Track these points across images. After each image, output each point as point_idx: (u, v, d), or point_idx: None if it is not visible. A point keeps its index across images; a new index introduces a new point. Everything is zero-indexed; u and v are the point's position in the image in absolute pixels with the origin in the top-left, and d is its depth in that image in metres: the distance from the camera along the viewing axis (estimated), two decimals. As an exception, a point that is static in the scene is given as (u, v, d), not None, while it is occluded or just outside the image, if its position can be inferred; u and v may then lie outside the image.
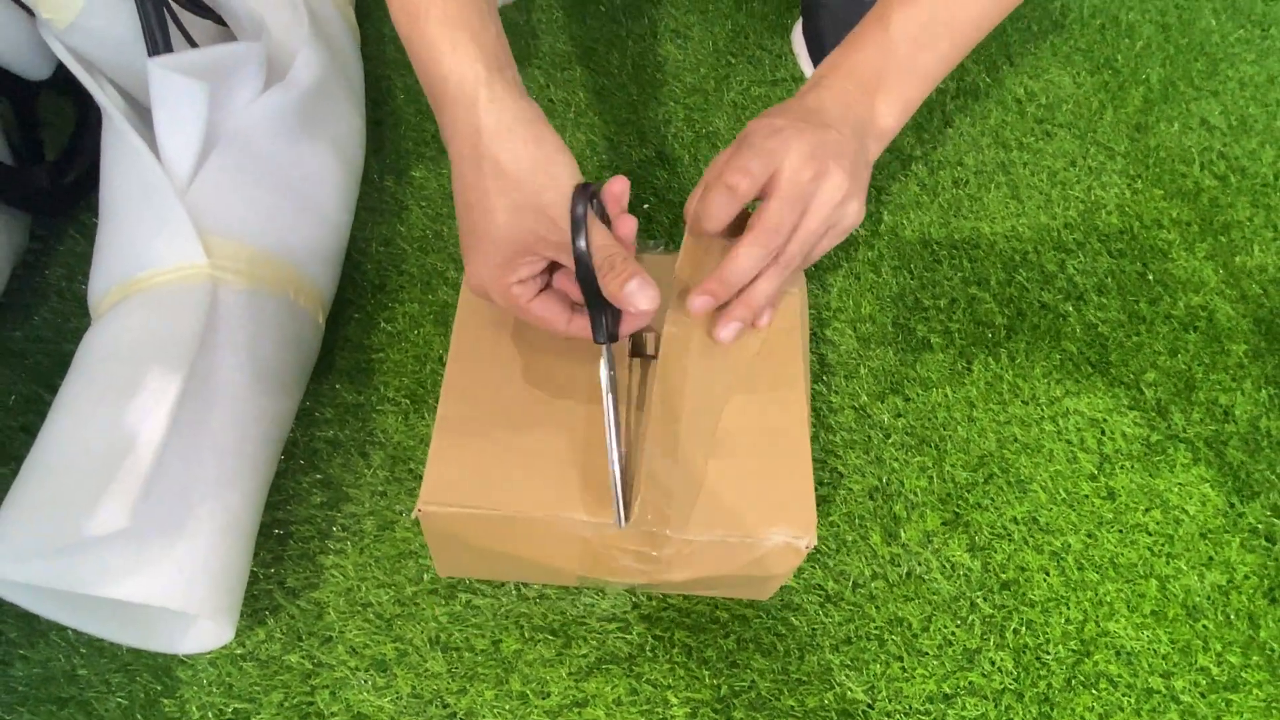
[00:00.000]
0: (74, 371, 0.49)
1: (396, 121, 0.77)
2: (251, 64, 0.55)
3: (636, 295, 0.41)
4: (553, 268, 0.47)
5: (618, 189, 0.44)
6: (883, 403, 0.64)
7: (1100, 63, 0.85)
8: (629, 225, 0.44)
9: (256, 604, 0.53)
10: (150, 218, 0.51)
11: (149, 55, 0.53)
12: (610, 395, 0.46)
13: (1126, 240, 0.74)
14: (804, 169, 0.43)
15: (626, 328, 0.46)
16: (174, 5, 0.56)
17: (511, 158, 0.41)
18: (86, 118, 0.68)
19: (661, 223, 0.72)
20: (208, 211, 0.52)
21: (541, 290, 0.46)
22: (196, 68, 0.52)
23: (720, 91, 0.81)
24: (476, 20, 0.42)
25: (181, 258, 0.51)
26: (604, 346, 0.46)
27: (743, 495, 0.46)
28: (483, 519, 0.45)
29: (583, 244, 0.41)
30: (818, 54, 0.81)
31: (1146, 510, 0.60)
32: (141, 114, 0.57)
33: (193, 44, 0.58)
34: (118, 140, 0.53)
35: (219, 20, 0.63)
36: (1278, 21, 0.91)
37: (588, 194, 0.41)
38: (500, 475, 0.46)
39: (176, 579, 0.44)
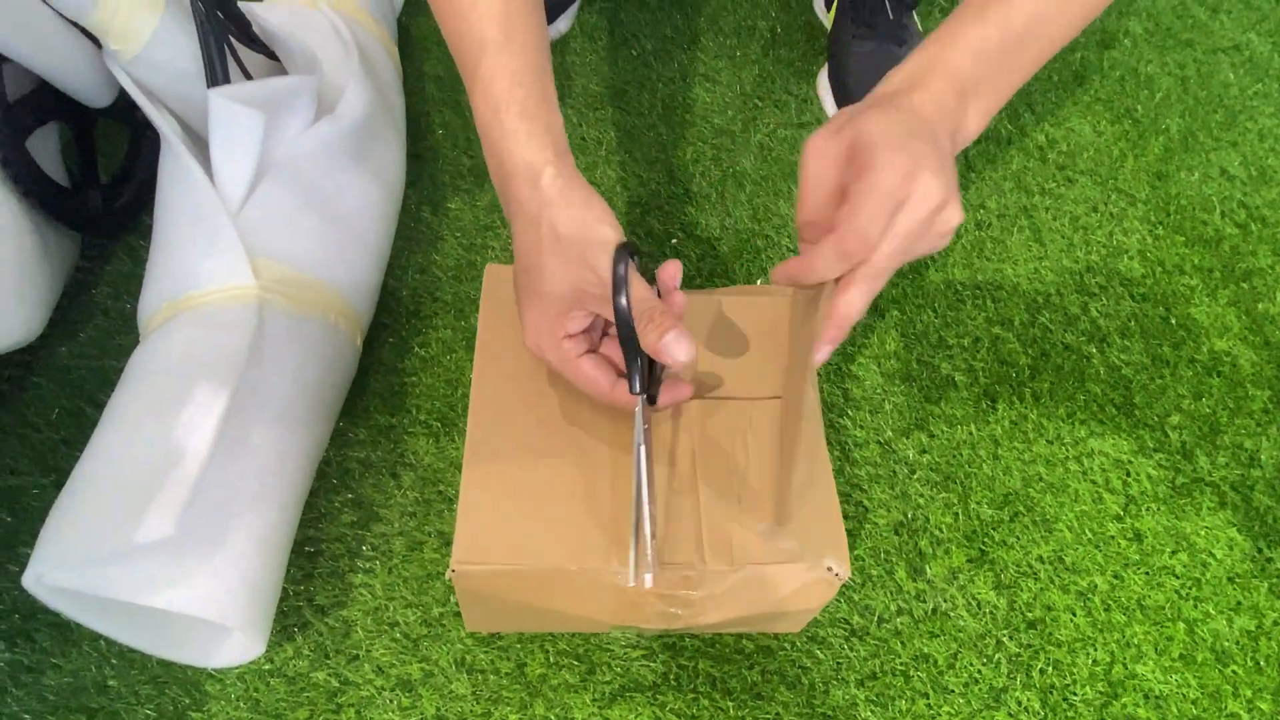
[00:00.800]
0: (123, 385, 0.50)
1: (434, 155, 0.80)
2: (304, 96, 0.58)
3: (673, 346, 0.43)
4: (602, 333, 0.49)
5: (670, 272, 0.47)
6: (907, 438, 0.64)
7: (1120, 112, 0.87)
8: (678, 300, 0.47)
9: (286, 620, 0.54)
10: (202, 239, 0.53)
11: (209, 86, 0.55)
12: (643, 447, 0.46)
13: (1149, 285, 0.75)
14: (901, 190, 0.41)
15: (666, 399, 0.48)
16: (233, 41, 0.59)
17: (565, 220, 0.45)
18: (139, 144, 0.71)
19: (689, 257, 0.74)
20: (257, 235, 0.54)
21: (589, 351, 0.48)
22: (254, 98, 0.54)
23: (747, 133, 0.83)
24: (547, 113, 0.47)
25: (231, 278, 0.52)
26: (640, 400, 0.47)
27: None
28: (517, 575, 0.45)
29: (623, 300, 0.43)
30: (842, 99, 0.83)
31: (1173, 553, 0.60)
32: (196, 142, 0.59)
33: (248, 76, 0.61)
34: (175, 165, 0.56)
35: (272, 55, 0.65)
36: (1295, 76, 0.92)
37: (628, 252, 0.44)
38: (531, 529, 0.46)
39: (214, 591, 0.45)
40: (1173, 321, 0.72)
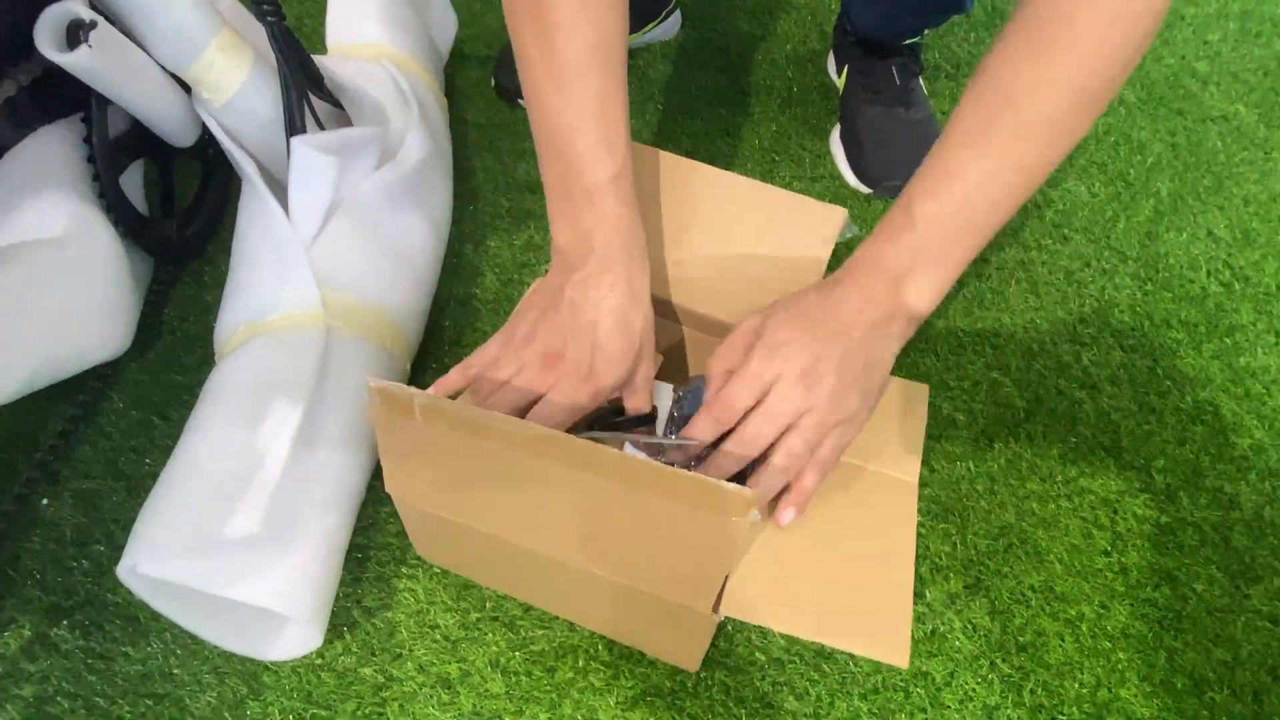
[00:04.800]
0: (206, 397, 0.56)
1: (475, 196, 0.86)
2: (371, 145, 0.64)
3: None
4: None
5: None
6: (910, 472, 0.69)
7: (1113, 175, 0.93)
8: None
9: (335, 620, 0.58)
10: (278, 269, 0.59)
11: (290, 134, 0.62)
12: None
13: (1137, 337, 0.80)
14: (796, 387, 0.48)
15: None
16: (309, 93, 0.65)
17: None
18: (209, 180, 0.77)
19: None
20: (325, 267, 0.60)
21: None
22: (329, 146, 0.60)
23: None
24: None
25: (302, 305, 0.58)
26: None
27: (837, 599, 0.50)
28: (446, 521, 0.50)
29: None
30: (854, 157, 0.90)
31: (1156, 586, 0.65)
32: (270, 181, 0.66)
33: (319, 123, 0.67)
34: (255, 202, 0.62)
35: (338, 104, 0.72)
36: (1278, 145, 0.99)
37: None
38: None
39: (285, 586, 0.49)
40: (1159, 372, 0.77)
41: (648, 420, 0.55)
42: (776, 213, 0.61)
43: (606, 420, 0.55)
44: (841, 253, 0.57)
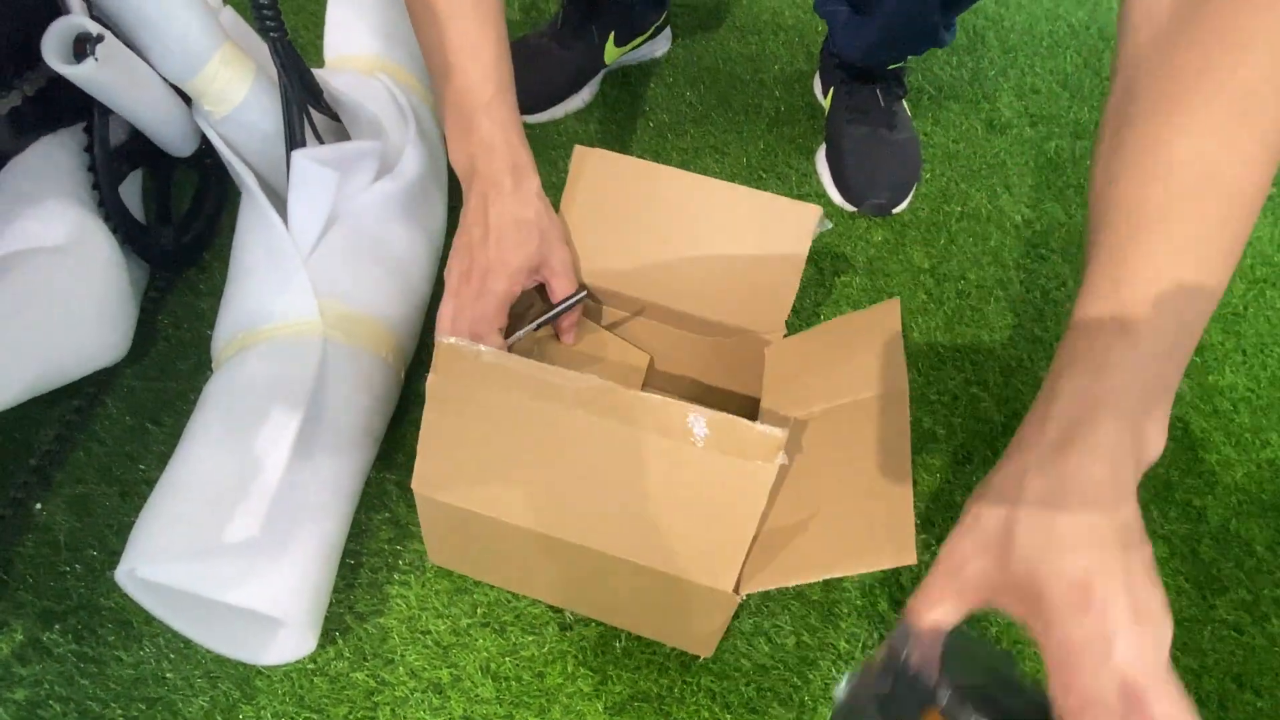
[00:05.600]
0: (205, 404, 0.56)
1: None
2: (369, 158, 0.66)
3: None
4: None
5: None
6: (892, 484, 0.71)
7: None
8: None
9: (328, 625, 0.59)
10: (277, 279, 0.60)
11: (290, 147, 0.63)
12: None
13: (1111, 354, 0.83)
14: (1098, 632, 0.33)
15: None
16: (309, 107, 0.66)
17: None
18: (205, 190, 0.78)
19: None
20: (323, 278, 0.61)
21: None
22: (328, 159, 0.62)
23: (754, 201, 0.92)
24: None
25: (300, 314, 0.59)
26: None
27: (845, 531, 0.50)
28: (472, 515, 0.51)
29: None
30: (839, 175, 0.92)
31: (1127, 596, 0.67)
32: (269, 193, 0.67)
33: (318, 136, 0.69)
34: (253, 213, 0.63)
35: (335, 117, 0.73)
36: (1246, 172, 1.03)
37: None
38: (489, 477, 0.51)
39: (281, 591, 0.50)
40: (1131, 388, 0.80)
41: (577, 297, 0.62)
42: (752, 212, 0.63)
43: (542, 309, 0.63)
44: (818, 246, 0.58)
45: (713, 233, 0.64)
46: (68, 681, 0.56)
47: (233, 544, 0.49)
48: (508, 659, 0.59)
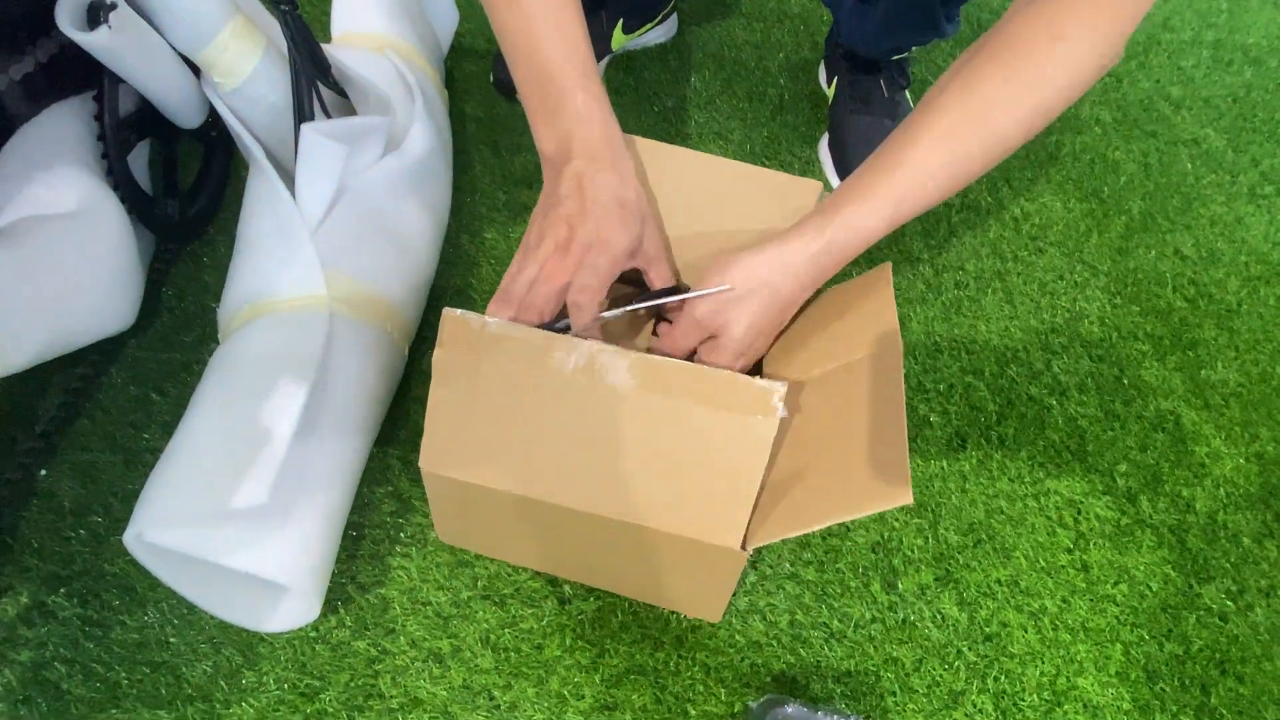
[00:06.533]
0: (212, 373, 0.57)
1: (473, 189, 0.88)
2: (377, 134, 0.66)
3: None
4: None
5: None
6: (887, 469, 0.72)
7: (1088, 192, 0.97)
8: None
9: (330, 595, 0.60)
10: (284, 252, 0.61)
11: (298, 120, 0.63)
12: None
13: (1106, 348, 0.84)
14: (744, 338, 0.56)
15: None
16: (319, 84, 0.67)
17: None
18: (210, 162, 0.78)
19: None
20: (330, 252, 0.62)
21: None
22: (337, 133, 0.62)
23: (756, 188, 0.92)
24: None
25: (307, 288, 0.60)
26: None
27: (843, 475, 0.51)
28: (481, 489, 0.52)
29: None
30: (840, 164, 0.93)
31: (1115, 583, 0.68)
32: (277, 166, 0.67)
33: (325, 110, 0.69)
34: (262, 185, 0.63)
35: (342, 93, 0.74)
36: (1245, 170, 1.03)
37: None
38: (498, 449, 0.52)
39: (285, 557, 0.51)
40: (1125, 381, 0.81)
41: (676, 291, 0.59)
42: (754, 188, 0.64)
43: (640, 298, 0.60)
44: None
45: (716, 208, 0.64)
46: (72, 644, 0.57)
47: (240, 510, 0.49)
48: (507, 631, 0.60)
